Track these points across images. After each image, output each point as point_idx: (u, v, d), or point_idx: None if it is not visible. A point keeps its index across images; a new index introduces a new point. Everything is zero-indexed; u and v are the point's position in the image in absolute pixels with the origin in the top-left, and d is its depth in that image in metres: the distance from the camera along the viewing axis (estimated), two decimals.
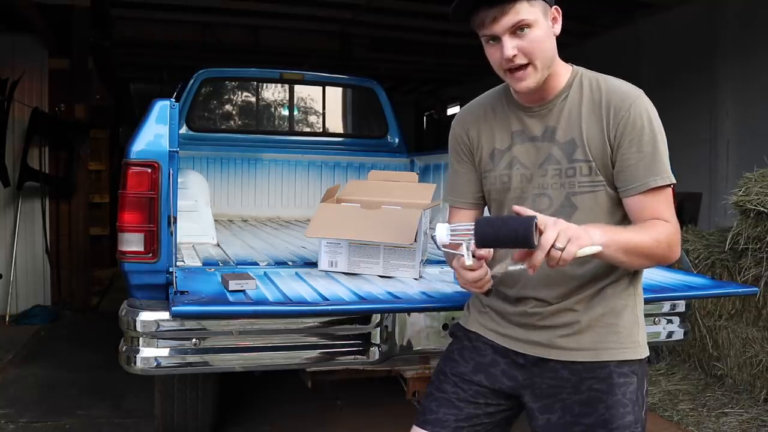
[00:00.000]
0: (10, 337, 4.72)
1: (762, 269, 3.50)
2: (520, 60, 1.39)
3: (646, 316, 1.58)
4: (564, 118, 1.47)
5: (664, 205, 1.42)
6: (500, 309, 1.56)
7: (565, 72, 1.49)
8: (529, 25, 1.37)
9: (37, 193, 5.51)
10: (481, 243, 1.28)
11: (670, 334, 2.47)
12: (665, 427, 3.33)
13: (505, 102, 1.56)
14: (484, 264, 1.36)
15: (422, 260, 2.40)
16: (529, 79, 1.41)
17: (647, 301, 1.61)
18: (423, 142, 12.65)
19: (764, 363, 3.46)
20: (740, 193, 3.62)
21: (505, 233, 1.25)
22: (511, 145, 1.52)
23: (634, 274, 1.52)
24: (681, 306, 2.45)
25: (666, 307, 2.42)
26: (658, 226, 1.40)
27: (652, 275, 2.41)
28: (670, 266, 2.51)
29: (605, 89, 1.45)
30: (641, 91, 1.45)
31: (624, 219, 1.48)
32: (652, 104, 1.44)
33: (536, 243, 1.23)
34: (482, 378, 1.54)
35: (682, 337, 2.50)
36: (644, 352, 1.51)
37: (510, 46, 1.37)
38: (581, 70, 1.51)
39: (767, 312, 3.57)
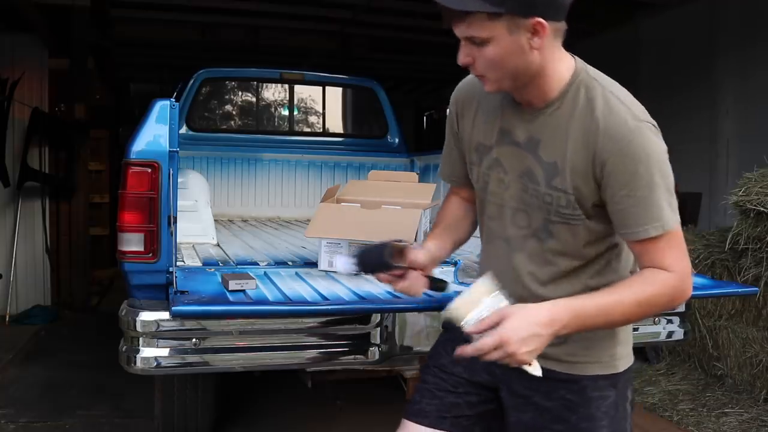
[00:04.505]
0: (10, 337, 4.72)
1: (762, 269, 3.50)
2: (475, 71, 1.29)
3: None
4: (549, 132, 1.32)
5: (664, 251, 1.26)
6: None
7: (561, 77, 1.31)
8: (483, 42, 1.23)
9: (37, 193, 5.51)
10: (362, 269, 1.50)
11: (670, 334, 2.47)
12: (665, 427, 3.33)
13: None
14: (408, 275, 1.50)
15: None
16: (487, 86, 1.31)
17: None
18: (423, 142, 12.64)
19: (764, 363, 3.46)
20: (740, 193, 3.62)
21: (370, 261, 1.49)
22: (493, 145, 1.41)
23: None
24: (681, 306, 2.44)
25: None
26: (649, 282, 1.27)
27: None
28: None
29: (602, 114, 1.26)
30: (645, 122, 1.26)
31: (607, 251, 1.38)
32: (655, 137, 1.26)
33: (401, 264, 1.49)
34: (461, 369, 1.53)
35: (682, 337, 2.50)
36: (623, 365, 1.44)
37: (464, 53, 1.27)
38: (582, 76, 1.32)
39: (767, 312, 3.58)
